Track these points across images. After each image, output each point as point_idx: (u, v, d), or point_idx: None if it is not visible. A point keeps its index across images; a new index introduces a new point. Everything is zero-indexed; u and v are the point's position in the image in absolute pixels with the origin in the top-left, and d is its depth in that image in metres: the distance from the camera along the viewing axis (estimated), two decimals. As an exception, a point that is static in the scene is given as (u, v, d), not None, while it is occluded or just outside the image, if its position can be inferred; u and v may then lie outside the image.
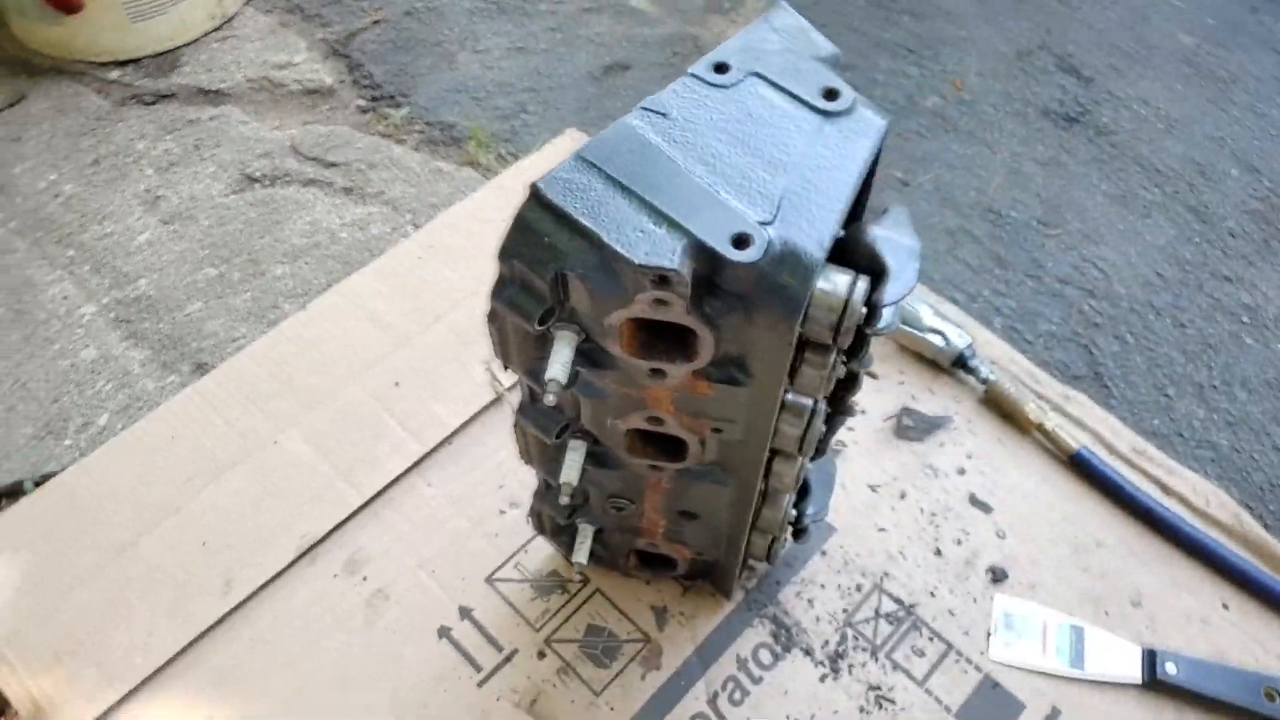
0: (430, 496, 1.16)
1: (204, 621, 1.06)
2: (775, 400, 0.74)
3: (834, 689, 1.07)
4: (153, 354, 1.25)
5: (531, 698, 1.05)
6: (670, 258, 0.63)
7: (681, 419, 0.80)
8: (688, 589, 1.13)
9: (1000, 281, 1.45)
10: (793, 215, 0.66)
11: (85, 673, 1.02)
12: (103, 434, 1.19)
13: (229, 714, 1.02)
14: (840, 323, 0.69)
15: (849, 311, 0.69)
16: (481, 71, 1.62)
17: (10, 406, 1.20)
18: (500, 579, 1.12)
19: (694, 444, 0.83)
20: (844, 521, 1.18)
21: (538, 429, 0.86)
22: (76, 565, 1.09)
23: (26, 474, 1.16)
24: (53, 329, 1.27)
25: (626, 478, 0.91)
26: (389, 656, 1.06)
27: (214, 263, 1.35)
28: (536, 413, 0.86)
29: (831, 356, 0.74)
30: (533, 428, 0.86)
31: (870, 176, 0.77)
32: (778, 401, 0.75)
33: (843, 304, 0.68)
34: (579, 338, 0.72)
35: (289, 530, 1.12)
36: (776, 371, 0.71)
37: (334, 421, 1.20)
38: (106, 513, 1.13)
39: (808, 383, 0.76)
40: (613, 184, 0.67)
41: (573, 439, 0.87)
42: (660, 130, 0.69)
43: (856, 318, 0.69)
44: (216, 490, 1.14)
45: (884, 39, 1.78)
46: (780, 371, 0.71)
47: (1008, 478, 1.22)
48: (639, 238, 0.64)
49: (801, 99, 0.70)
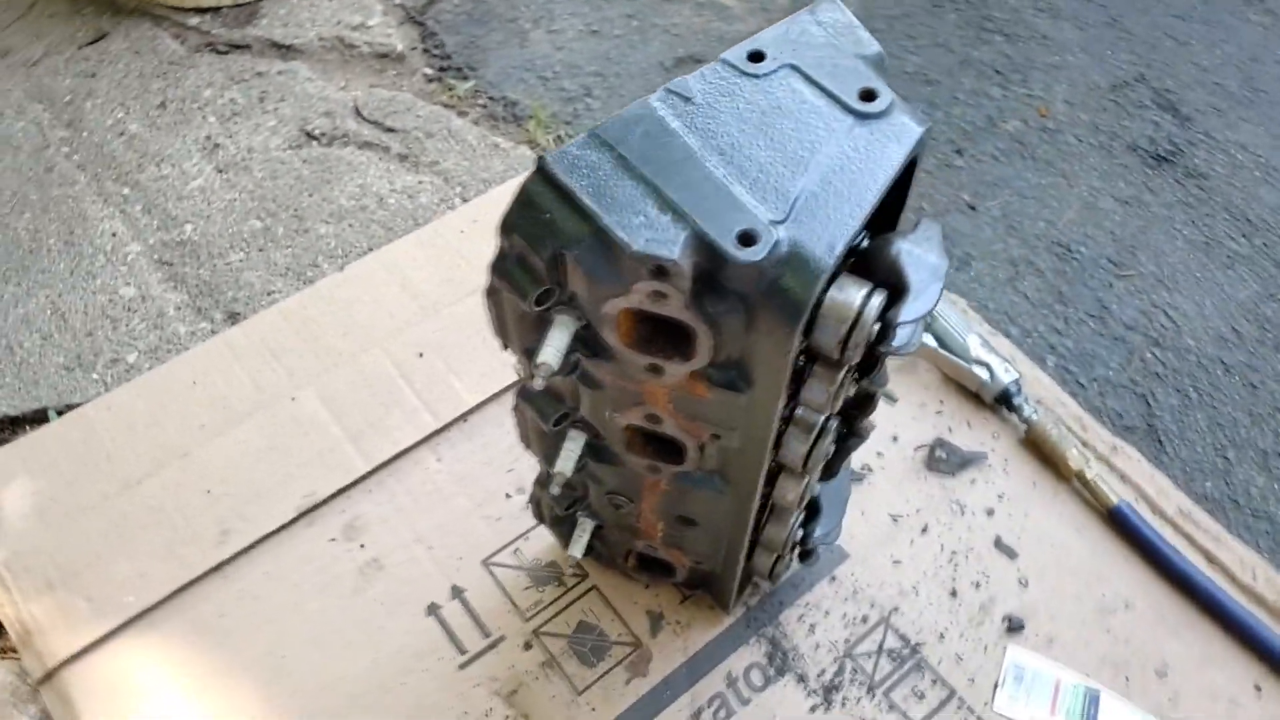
0: (437, 471, 1.15)
1: (196, 568, 1.06)
2: (774, 411, 0.70)
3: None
4: (189, 299, 1.26)
5: (511, 688, 1.03)
6: (670, 248, 0.60)
7: (679, 420, 0.76)
8: (687, 597, 1.09)
9: (1059, 319, 1.38)
10: (807, 217, 0.62)
11: (76, 604, 1.03)
12: (129, 372, 1.19)
13: (207, 663, 1.01)
14: (849, 336, 0.65)
15: (859, 325, 0.64)
16: (552, 51, 1.60)
17: (46, 335, 1.22)
18: (497, 563, 1.10)
19: (692, 448, 0.79)
20: (858, 548, 1.13)
21: (536, 414, 0.83)
22: (83, 497, 1.10)
23: (52, 402, 1.18)
24: (97, 263, 1.29)
25: (625, 475, 0.88)
26: (374, 627, 1.05)
27: (260, 215, 1.35)
28: (537, 397, 0.83)
29: (841, 372, 0.70)
30: (531, 412, 0.84)
31: (905, 185, 0.72)
32: (777, 413, 0.71)
33: (854, 316, 0.64)
34: (578, 324, 0.69)
35: (292, 488, 1.11)
36: (777, 380, 0.67)
37: (352, 385, 1.19)
38: (120, 449, 1.13)
39: (813, 397, 0.72)
40: (623, 165, 0.63)
41: (573, 429, 0.84)
42: (681, 114, 0.66)
43: (867, 333, 0.64)
44: (227, 440, 1.14)
45: (972, 57, 1.71)
46: (780, 381, 0.67)
47: (1038, 524, 1.16)
48: (641, 224, 0.61)
49: (836, 96, 0.66)
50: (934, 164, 1.54)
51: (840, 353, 0.66)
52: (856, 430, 0.84)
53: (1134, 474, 1.20)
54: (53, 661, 1.00)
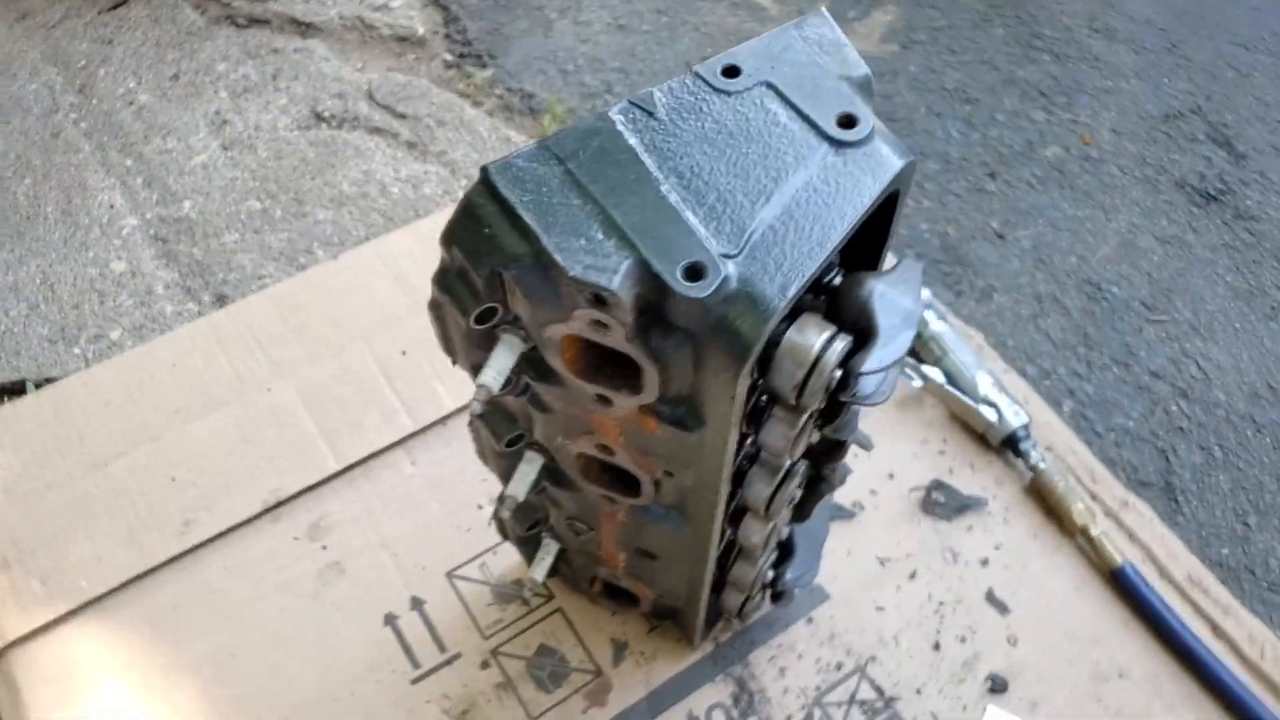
0: (410, 475, 1.11)
1: (155, 557, 1.03)
2: (726, 452, 0.65)
3: (785, 772, 0.97)
4: (179, 278, 1.24)
5: (464, 708, 0.99)
6: (609, 277, 0.55)
7: (632, 454, 0.72)
8: (654, 627, 1.04)
9: (1082, 362, 1.31)
10: (762, 252, 0.56)
11: (29, 584, 1.01)
12: (111, 349, 1.18)
13: (158, 656, 0.99)
14: (806, 381, 0.60)
15: (817, 371, 0.59)
16: (576, 43, 1.55)
17: (34, 305, 1.21)
18: (461, 576, 1.06)
19: (647, 482, 0.74)
20: (840, 590, 1.07)
21: (490, 432, 0.79)
22: (50, 475, 1.08)
23: (32, 374, 1.16)
24: (92, 235, 1.27)
25: (582, 502, 0.83)
26: (329, 632, 1.01)
27: (260, 196, 1.32)
28: (490, 416, 0.79)
29: (800, 418, 0.65)
30: (485, 429, 0.79)
31: (887, 222, 0.67)
32: (729, 453, 0.66)
33: (811, 361, 0.59)
34: (525, 345, 0.65)
35: (259, 482, 1.08)
36: (727, 421, 0.62)
37: (332, 379, 1.16)
38: (92, 428, 1.11)
39: (772, 441, 0.67)
40: (571, 182, 0.59)
41: (530, 451, 0.80)
42: (641, 130, 0.61)
43: (826, 379, 0.59)
44: (199, 427, 1.12)
45: (1017, 76, 1.64)
46: (728, 422, 0.62)
47: (1035, 580, 1.09)
48: (582, 247, 0.56)
49: (812, 121, 0.61)
50: (964, 187, 1.47)
51: (796, 398, 0.61)
52: (825, 476, 0.78)
53: (1144, 533, 1.13)
54: (0, 642, 0.98)
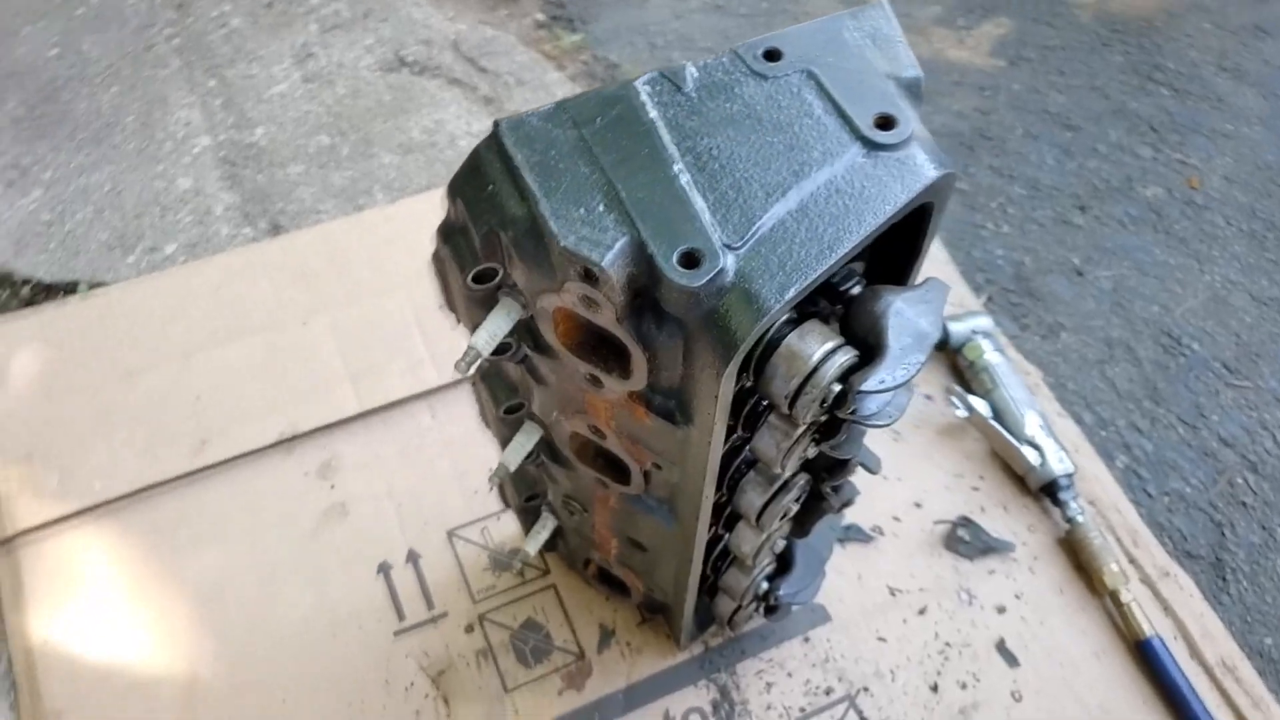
0: (427, 429, 1.10)
1: (167, 472, 1.05)
2: (710, 452, 0.62)
3: (753, 790, 0.93)
4: (239, 202, 1.25)
5: (440, 668, 0.98)
6: (601, 252, 0.52)
7: (622, 441, 0.69)
8: (645, 621, 1.01)
9: (1145, 417, 1.23)
10: (768, 249, 0.53)
11: (47, 479, 1.03)
12: (164, 262, 1.20)
13: (155, 566, 1.00)
14: (799, 391, 0.56)
15: (812, 382, 0.56)
16: (670, 19, 1.52)
17: (99, 210, 1.23)
18: (461, 536, 1.05)
19: (637, 472, 0.72)
20: (844, 615, 1.03)
21: (489, 394, 0.77)
22: (82, 376, 1.10)
23: (85, 277, 1.19)
24: (164, 149, 1.29)
25: (577, 482, 0.81)
26: (321, 573, 1.01)
27: (331, 132, 1.33)
28: (491, 379, 0.77)
29: (796, 429, 0.61)
30: (485, 392, 0.78)
31: (918, 235, 0.62)
32: (714, 454, 0.63)
33: (807, 371, 0.55)
34: (524, 313, 0.63)
35: (279, 413, 1.09)
36: (716, 420, 0.59)
37: (366, 323, 1.16)
38: (130, 337, 1.13)
39: (764, 448, 0.64)
40: (582, 148, 0.56)
41: (530, 422, 0.78)
42: (666, 104, 0.57)
43: (822, 392, 0.56)
44: (230, 350, 1.13)
45: (1128, 108, 1.55)
46: (712, 422, 0.58)
47: (1053, 637, 1.03)
48: (580, 218, 0.53)
49: (848, 117, 0.57)
50: (1049, 217, 1.39)
51: (789, 407, 0.57)
52: (825, 494, 0.74)
53: (1180, 607, 1.06)
54: (12, 530, 1.00)
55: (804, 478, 0.72)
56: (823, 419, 0.62)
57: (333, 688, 0.95)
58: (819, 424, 0.63)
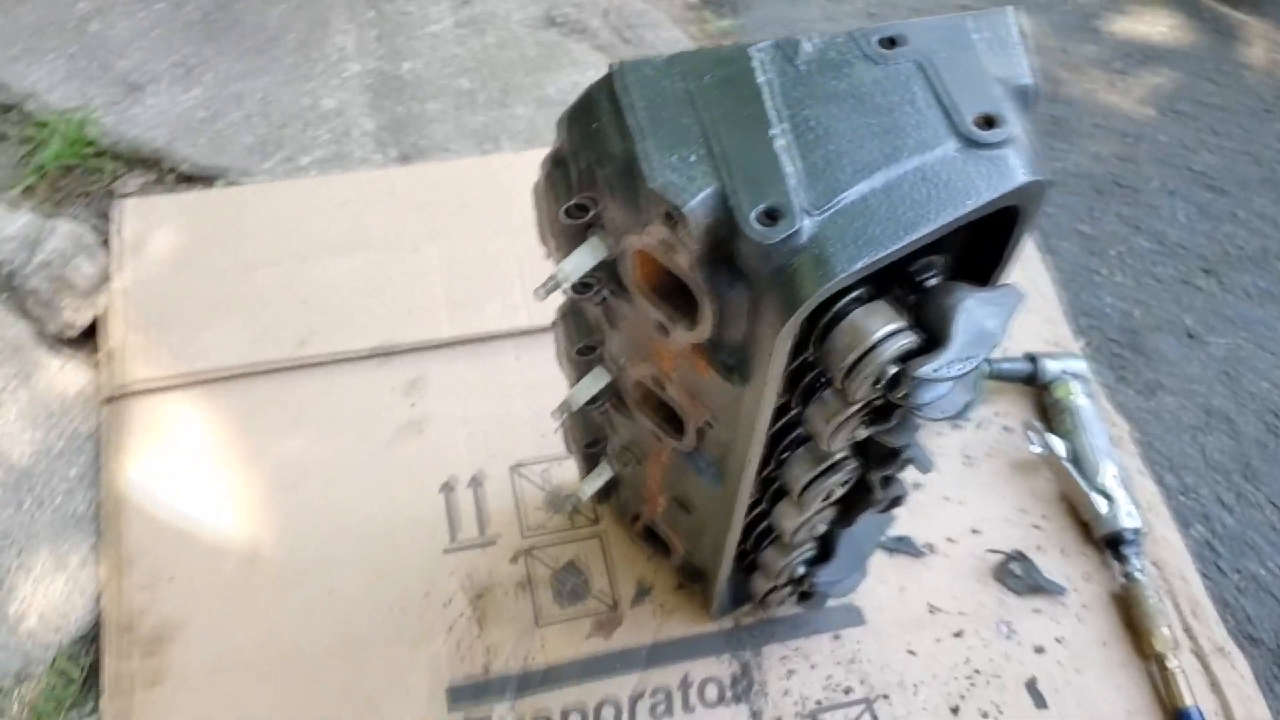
0: (510, 368, 1.15)
1: (268, 362, 1.12)
2: (763, 414, 0.64)
3: (755, 768, 0.95)
4: (377, 128, 1.32)
5: (480, 591, 1.02)
6: (685, 196, 0.55)
7: (681, 394, 0.72)
8: (682, 587, 1.04)
9: (1232, 491, 1.19)
10: (846, 220, 0.55)
11: (161, 348, 1.11)
12: (297, 171, 1.27)
13: (239, 444, 1.07)
14: (855, 365, 0.58)
15: (869, 358, 0.57)
16: (820, 18, 1.53)
17: (248, 115, 1.32)
18: (523, 473, 1.09)
19: (691, 427, 0.74)
20: (878, 621, 1.03)
21: (567, 333, 0.81)
22: (209, 263, 1.18)
23: (226, 173, 1.28)
24: (317, 69, 1.37)
25: (635, 433, 0.84)
26: (389, 481, 1.07)
27: (473, 77, 1.39)
28: (572, 316, 0.80)
29: (848, 407, 0.63)
30: (564, 330, 0.81)
31: (1004, 240, 0.63)
32: (764, 416, 0.65)
33: (866, 346, 0.57)
34: (609, 253, 0.66)
35: (378, 327, 1.15)
36: (769, 380, 0.61)
37: (473, 259, 1.21)
38: (256, 233, 1.21)
39: (814, 420, 0.65)
40: (688, 100, 0.58)
41: (600, 367, 0.81)
42: (776, 72, 0.59)
43: (875, 369, 0.57)
44: (344, 262, 1.19)
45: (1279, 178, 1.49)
46: (768, 381, 0.60)
47: (1087, 688, 1.01)
48: (672, 164, 0.56)
49: (950, 112, 0.58)
50: (1171, 275, 1.35)
51: (843, 380, 0.59)
52: (872, 484, 0.75)
53: (1230, 687, 1.02)
54: (123, 386, 1.09)
55: (853, 464, 0.74)
56: (876, 400, 0.63)
57: (378, 587, 1.01)
58: (872, 406, 0.64)
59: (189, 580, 0.99)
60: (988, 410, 1.18)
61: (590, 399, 0.82)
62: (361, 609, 1.00)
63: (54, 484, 1.05)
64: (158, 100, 1.32)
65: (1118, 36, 1.67)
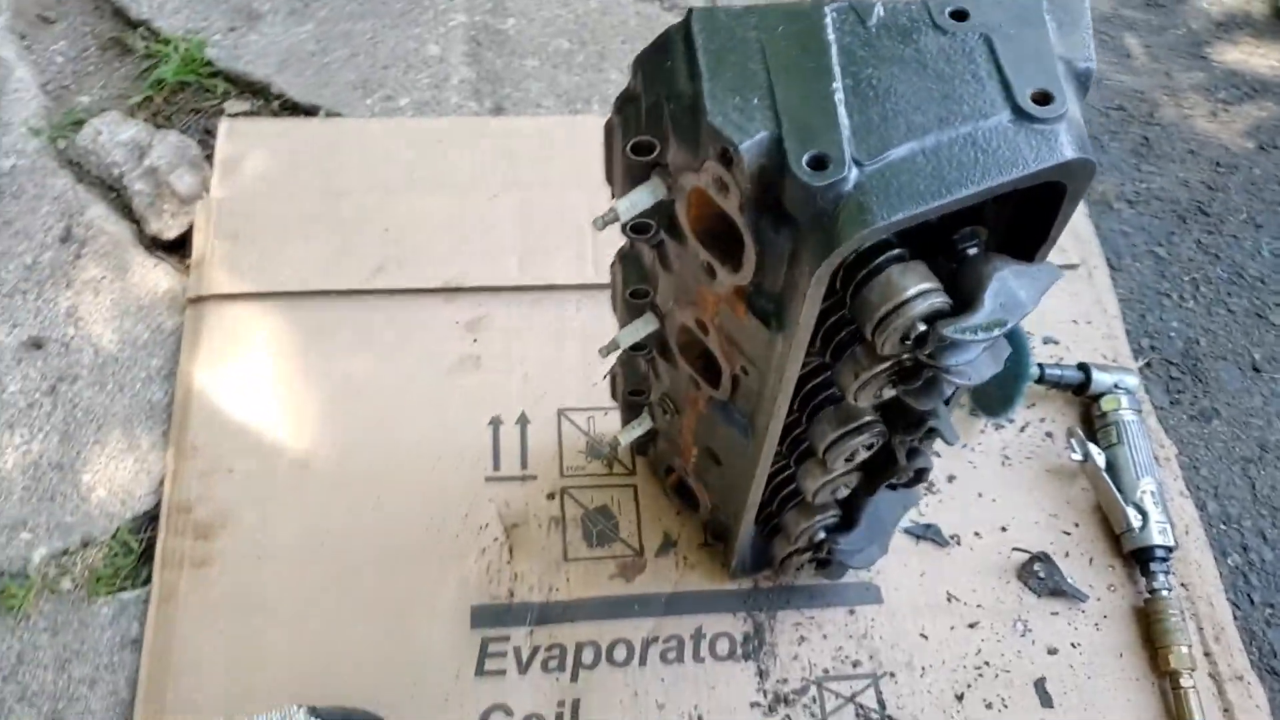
0: (570, 318, 1.19)
1: (344, 284, 1.17)
2: (793, 360, 0.67)
3: (756, 724, 0.98)
4: (474, 79, 1.37)
5: (515, 521, 1.07)
6: (741, 135, 0.58)
7: (720, 339, 0.75)
8: (707, 544, 1.07)
9: (1276, 528, 1.17)
10: (891, 174, 0.57)
11: (245, 259, 1.18)
12: (394, 111, 1.33)
13: (307, 358, 1.13)
14: (885, 319, 0.60)
15: (899, 312, 0.60)
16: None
17: (354, 53, 1.38)
18: (569, 417, 1.13)
19: (727, 374, 0.77)
20: (895, 601, 1.05)
21: (622, 276, 0.84)
22: (297, 185, 1.25)
23: (326, 105, 1.34)
24: (424, 17, 1.43)
25: (675, 381, 0.87)
26: (442, 408, 1.12)
27: (573, 39, 1.43)
28: (628, 260, 0.84)
29: (877, 364, 0.65)
30: (619, 273, 0.85)
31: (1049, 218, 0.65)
32: (794, 366, 0.68)
33: (898, 301, 0.60)
34: (667, 194, 0.69)
35: (451, 264, 1.20)
36: (801, 325, 0.64)
37: (549, 210, 1.25)
38: (347, 164, 1.27)
39: (842, 375, 0.68)
40: (758, 49, 0.61)
41: (650, 313, 0.85)
42: (845, 31, 0.62)
43: (905, 323, 0.60)
44: (426, 200, 1.24)
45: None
46: (800, 325, 0.63)
47: (1097, 694, 1.02)
48: (735, 105, 0.59)
49: (1008, 84, 0.59)
50: (1243, 307, 1.34)
51: (872, 332, 0.61)
52: (896, 450, 0.77)
53: (1243, 714, 1.02)
54: (206, 291, 1.16)
55: (879, 427, 0.76)
56: (905, 359, 0.66)
57: (420, 504, 1.06)
58: (900, 366, 0.67)
59: (245, 474, 1.06)
60: (1033, 415, 1.18)
61: (636, 343, 0.86)
62: (402, 522, 1.05)
63: (135, 372, 1.13)
64: (272, 30, 1.39)
65: (1226, 66, 1.64)
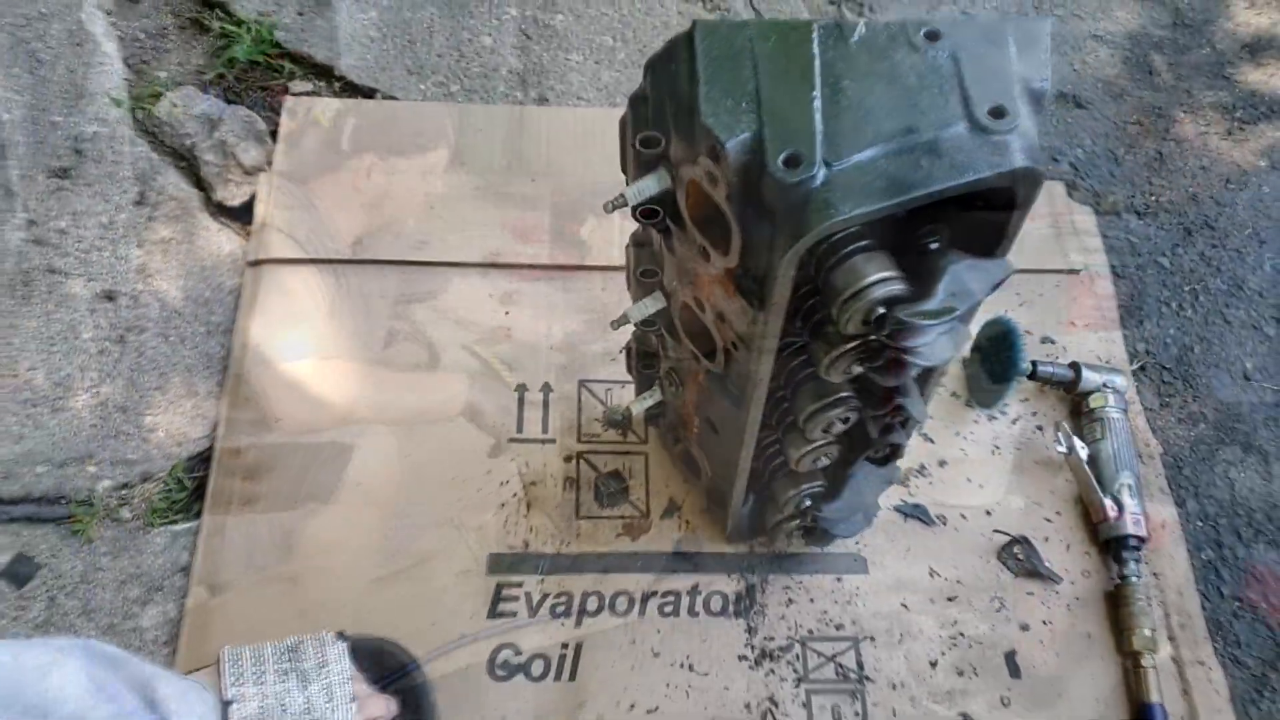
0: (596, 298, 1.28)
1: (389, 254, 1.28)
2: (770, 336, 0.76)
3: (742, 674, 1.06)
4: (521, 69, 1.47)
5: (533, 479, 1.16)
6: (727, 134, 0.66)
7: (714, 316, 0.83)
8: (708, 510, 1.16)
9: (1251, 527, 1.22)
10: (857, 174, 0.65)
11: (299, 225, 1.28)
12: (444, 96, 1.43)
13: (355, 319, 1.23)
14: (848, 300, 0.69)
15: (859, 296, 0.68)
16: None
17: (412, 41, 1.49)
18: (589, 389, 1.23)
19: (720, 348, 0.86)
20: (879, 573, 1.13)
21: (635, 257, 0.93)
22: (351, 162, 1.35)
23: (383, 88, 1.45)
24: (481, 9, 1.53)
25: (681, 356, 0.96)
26: (472, 373, 1.22)
27: (615, 36, 1.52)
28: (641, 246, 0.93)
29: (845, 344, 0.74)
30: (633, 255, 0.94)
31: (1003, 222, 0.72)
32: (773, 340, 0.76)
33: (859, 286, 0.68)
34: (671, 184, 0.78)
35: (488, 241, 1.30)
36: (777, 303, 0.72)
37: (581, 196, 1.34)
38: (398, 143, 1.37)
39: (816, 351, 0.77)
40: (749, 58, 0.70)
41: (659, 291, 0.94)
42: (828, 47, 0.70)
43: (865, 305, 0.68)
44: (468, 179, 1.34)
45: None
46: (776, 303, 0.72)
47: (1063, 670, 1.09)
48: (725, 107, 0.68)
49: (968, 100, 0.67)
50: (1241, 319, 1.39)
51: (837, 313, 0.70)
52: (868, 422, 0.86)
53: (1201, 697, 1.08)
54: (264, 255, 1.27)
55: (853, 402, 0.84)
56: (871, 340, 0.74)
57: (448, 457, 1.16)
58: (866, 345, 0.75)
59: (291, 424, 1.16)
60: (1024, 409, 1.25)
61: (646, 319, 0.95)
62: (431, 473, 1.15)
63: (197, 326, 1.24)
64: (339, 16, 1.50)
65: (1248, 86, 1.68)
